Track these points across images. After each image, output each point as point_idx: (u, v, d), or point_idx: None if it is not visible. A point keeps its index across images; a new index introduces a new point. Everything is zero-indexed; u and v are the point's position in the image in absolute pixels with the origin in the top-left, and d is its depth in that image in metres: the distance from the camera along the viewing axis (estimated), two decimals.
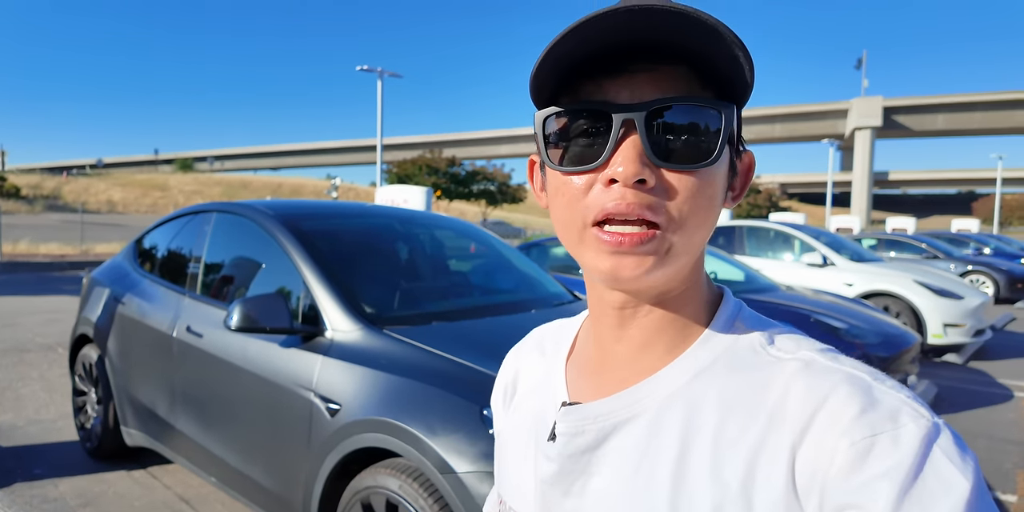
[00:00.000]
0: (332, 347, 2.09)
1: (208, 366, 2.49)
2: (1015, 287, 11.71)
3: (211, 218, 2.99)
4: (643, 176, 0.46)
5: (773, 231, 8.11)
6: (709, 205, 0.49)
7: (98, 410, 3.34)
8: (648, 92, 0.47)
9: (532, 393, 0.65)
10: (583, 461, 0.54)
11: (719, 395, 0.50)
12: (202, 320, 2.62)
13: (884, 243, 12.84)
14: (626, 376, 0.55)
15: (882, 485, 0.41)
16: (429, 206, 10.76)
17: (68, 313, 7.71)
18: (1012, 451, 3.91)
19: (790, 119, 75.56)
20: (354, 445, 1.85)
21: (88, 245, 17.78)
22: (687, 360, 0.53)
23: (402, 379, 1.86)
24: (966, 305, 6.45)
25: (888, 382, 0.47)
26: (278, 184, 61.34)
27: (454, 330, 2.17)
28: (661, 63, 0.47)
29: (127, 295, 3.21)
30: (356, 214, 3.00)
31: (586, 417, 0.54)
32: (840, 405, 0.45)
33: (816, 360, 0.49)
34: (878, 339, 4.24)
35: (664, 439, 0.50)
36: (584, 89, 0.49)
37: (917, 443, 0.42)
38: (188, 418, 2.63)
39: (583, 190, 0.48)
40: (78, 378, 3.59)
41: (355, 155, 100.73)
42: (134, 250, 3.60)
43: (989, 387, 5.49)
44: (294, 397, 2.08)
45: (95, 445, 3.35)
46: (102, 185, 49.31)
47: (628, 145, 0.46)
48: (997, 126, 68.88)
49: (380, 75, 21.65)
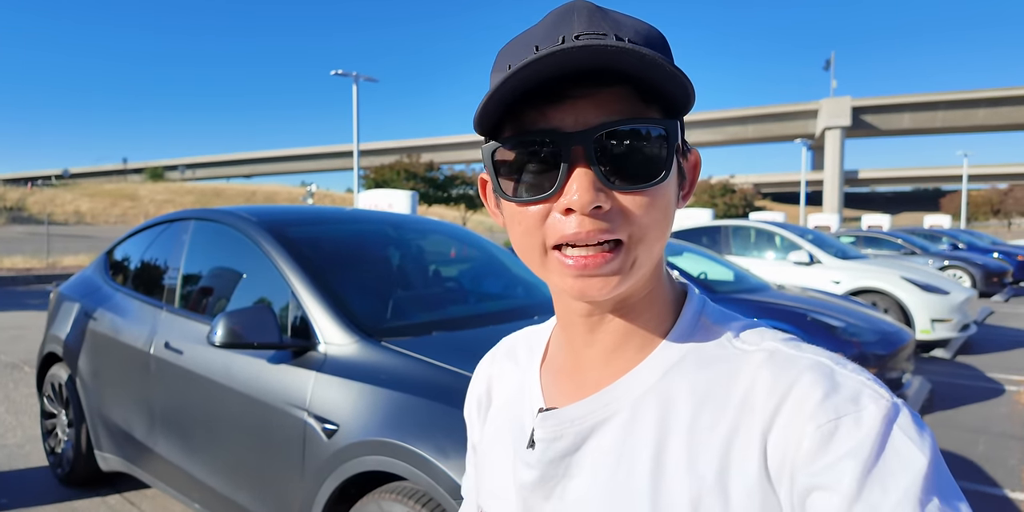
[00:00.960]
0: (326, 362, 1.93)
1: (189, 385, 2.32)
2: (991, 281, 11.92)
3: (189, 226, 2.81)
4: (599, 202, 0.47)
5: (758, 230, 8.10)
6: (664, 216, 0.50)
7: (69, 433, 3.13)
8: (592, 116, 0.47)
9: (508, 402, 0.65)
10: (563, 465, 0.55)
11: (690, 390, 0.51)
12: (182, 335, 2.45)
13: (862, 240, 12.99)
14: (599, 378, 0.56)
15: (847, 464, 0.42)
16: (414, 210, 10.59)
17: (34, 329, 7.37)
18: (1014, 447, 3.88)
19: (762, 120, 76.74)
20: (354, 469, 1.70)
21: (55, 258, 17.19)
22: (656, 358, 0.54)
23: (405, 395, 1.72)
24: (952, 300, 6.49)
25: (849, 366, 0.49)
26: (252, 192, 60.40)
27: (457, 340, 2.03)
28: (602, 86, 0.47)
29: (99, 310, 3.01)
30: (344, 219, 2.84)
31: (563, 421, 0.55)
32: (805, 391, 0.46)
33: (780, 350, 0.51)
34: (875, 337, 4.19)
35: (640, 437, 0.51)
36: (527, 116, 0.49)
37: (878, 423, 0.44)
38: (169, 441, 2.45)
39: (540, 218, 0.49)
40: (47, 399, 3.37)
41: (330, 161, 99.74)
42: (105, 262, 3.40)
43: (979, 381, 5.51)
44: (285, 417, 1.92)
45: (67, 471, 3.13)
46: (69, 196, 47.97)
47: (579, 173, 0.47)
48: (959, 124, 70.77)
49: (355, 79, 21.39)
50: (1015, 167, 76.11)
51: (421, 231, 2.94)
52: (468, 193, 39.13)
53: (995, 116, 68.66)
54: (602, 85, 0.47)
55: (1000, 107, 67.87)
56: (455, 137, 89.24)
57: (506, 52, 0.51)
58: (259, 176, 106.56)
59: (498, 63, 0.52)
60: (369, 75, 21.63)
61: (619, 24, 0.48)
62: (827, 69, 74.56)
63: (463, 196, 39.11)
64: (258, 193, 59.05)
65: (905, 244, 12.76)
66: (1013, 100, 67.06)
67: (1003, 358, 6.50)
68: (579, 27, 0.47)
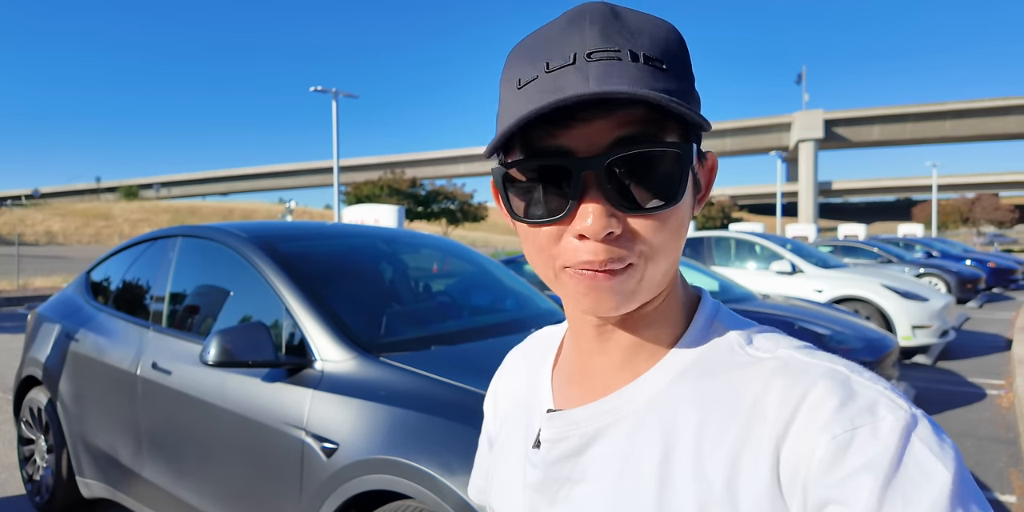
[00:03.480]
0: (323, 379, 1.90)
1: (179, 406, 2.26)
2: (965, 288, 12.18)
3: (176, 243, 2.76)
4: (611, 228, 0.46)
5: (739, 241, 8.20)
6: (678, 234, 0.49)
7: (49, 459, 3.02)
8: (605, 137, 0.46)
9: (520, 401, 0.66)
10: (567, 467, 0.54)
11: (699, 396, 0.50)
12: (170, 355, 2.39)
13: (840, 249, 13.21)
14: (609, 383, 0.55)
15: (864, 478, 0.41)
16: (401, 225, 10.56)
17: (6, 353, 7.16)
18: (1000, 450, 3.94)
19: (738, 133, 78.18)
20: (356, 489, 1.66)
21: (26, 279, 16.74)
22: (667, 364, 0.53)
23: (407, 412, 1.69)
24: (932, 306, 6.61)
25: (865, 374, 0.47)
26: (229, 209, 59.76)
27: (457, 354, 2.01)
28: (615, 109, 0.46)
29: (81, 331, 2.93)
30: (335, 234, 2.81)
31: (570, 423, 0.55)
32: (820, 400, 0.45)
33: (794, 357, 0.50)
34: (861, 344, 4.25)
35: (646, 442, 0.51)
36: (538, 136, 0.47)
37: (896, 434, 0.42)
38: (157, 465, 2.37)
39: (553, 240, 0.49)
40: (24, 425, 3.26)
41: (309, 177, 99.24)
42: (86, 281, 3.31)
43: (961, 386, 5.60)
44: (282, 437, 1.88)
45: (46, 499, 3.02)
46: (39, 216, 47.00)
47: (592, 198, 0.46)
48: (927, 136, 72.79)
49: (335, 96, 21.38)
50: (982, 177, 78.36)
51: (413, 245, 2.92)
52: (450, 208, 39.14)
53: (961, 127, 70.77)
54: (616, 109, 0.46)
55: (965, 119, 70.00)
56: (437, 152, 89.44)
57: (516, 60, 0.50)
58: (236, 193, 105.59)
59: (507, 72, 0.51)
60: (349, 91, 21.63)
61: (634, 35, 0.46)
62: (799, 83, 76.42)
63: (445, 211, 39.11)
64: (235, 211, 58.46)
65: (881, 253, 13.01)
66: (977, 112, 69.25)
67: (982, 363, 6.62)
68: (591, 42, 0.45)
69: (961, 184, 76.89)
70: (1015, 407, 4.72)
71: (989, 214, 60.81)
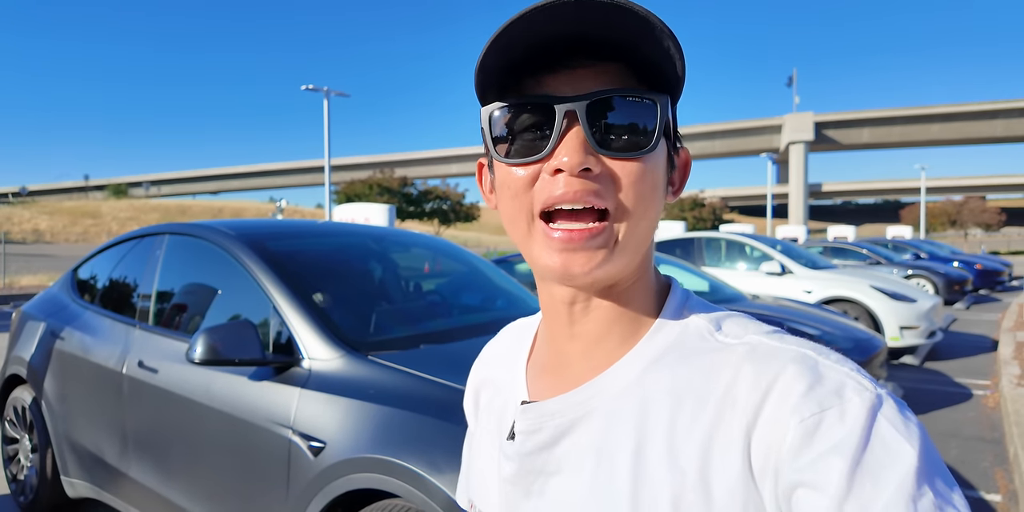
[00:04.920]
0: (311, 378, 1.89)
1: (166, 405, 2.24)
2: (952, 289, 12.30)
3: (163, 241, 2.73)
4: (588, 164, 0.47)
5: (730, 242, 8.24)
6: (652, 194, 0.50)
7: (33, 459, 2.99)
8: (588, 85, 0.49)
9: (496, 393, 0.66)
10: (541, 459, 0.54)
11: (671, 384, 0.51)
12: (156, 354, 2.37)
13: (829, 251, 13.30)
14: (582, 372, 0.55)
15: (833, 460, 0.41)
16: (392, 224, 10.55)
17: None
18: (985, 450, 3.98)
19: (729, 135, 78.58)
20: (343, 487, 1.65)
21: (12, 278, 16.57)
22: (638, 352, 0.53)
23: (395, 410, 1.68)
24: (919, 308, 6.66)
25: (832, 356, 0.48)
26: (219, 208, 59.39)
27: (445, 353, 2.00)
28: (599, 60, 0.49)
29: (66, 329, 2.90)
30: (324, 233, 2.80)
31: (543, 414, 0.55)
32: (789, 384, 0.45)
33: (763, 342, 0.50)
34: (850, 344, 4.28)
35: (620, 433, 0.51)
36: (527, 85, 0.50)
37: (863, 415, 0.43)
38: (143, 464, 2.35)
39: (529, 181, 0.50)
40: (8, 424, 3.22)
41: (300, 177, 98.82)
42: (72, 279, 3.28)
43: (948, 387, 5.65)
44: (269, 436, 1.86)
45: (30, 499, 2.98)
46: (26, 214, 46.47)
47: (572, 136, 0.48)
48: (915, 139, 73.50)
49: (326, 94, 21.30)
50: (969, 180, 79.20)
51: (403, 244, 2.91)
52: (442, 208, 39.12)
53: (948, 131, 71.50)
54: (599, 60, 0.49)
55: (952, 122, 70.74)
56: (428, 152, 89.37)
57: None
58: (226, 192, 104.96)
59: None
60: (340, 90, 21.56)
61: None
62: (790, 85, 76.96)
63: (436, 210, 39.08)
64: (225, 209, 58.10)
65: (870, 254, 13.11)
66: (964, 115, 69.98)
67: (968, 363, 6.69)
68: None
69: (949, 187, 77.72)
70: (1000, 407, 4.77)
71: (976, 216, 61.47)
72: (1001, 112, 68.44)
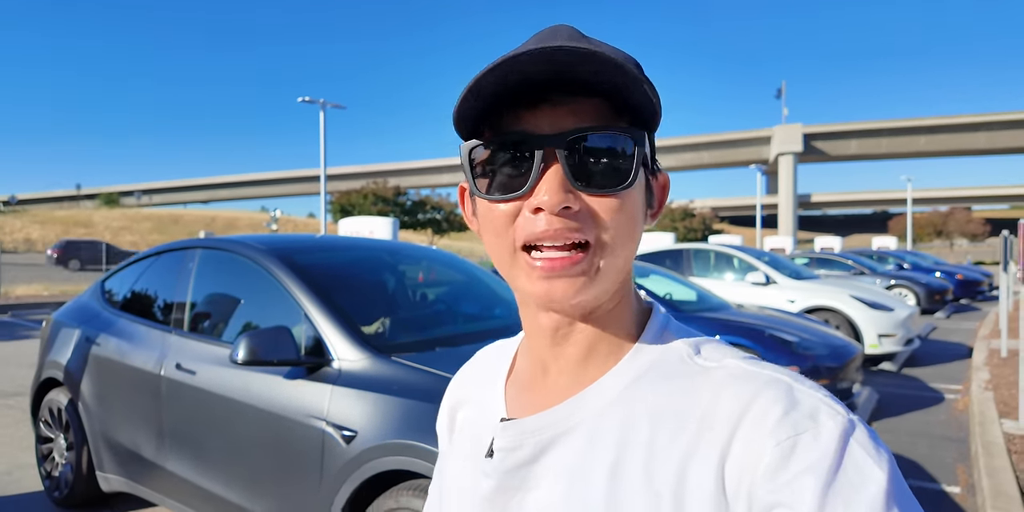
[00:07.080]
0: (341, 376, 2.15)
1: (204, 403, 2.49)
2: (933, 299, 12.67)
3: (195, 255, 3.00)
4: (567, 203, 0.49)
5: (718, 253, 8.55)
6: (631, 224, 0.52)
7: (68, 456, 3.22)
8: (567, 122, 0.50)
9: (473, 414, 0.66)
10: (519, 476, 0.55)
11: (650, 405, 0.52)
12: (194, 357, 2.62)
13: (815, 261, 13.67)
14: (562, 391, 0.56)
15: (806, 480, 0.43)
16: (395, 236, 10.82)
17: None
18: (950, 447, 4.27)
19: (718, 146, 79.51)
20: (373, 469, 1.91)
21: (7, 287, 16.63)
22: (619, 372, 0.55)
23: (418, 403, 1.95)
24: (897, 316, 6.99)
25: (806, 383, 0.50)
26: (211, 218, 59.35)
27: (459, 354, 2.26)
28: (577, 96, 0.50)
29: (101, 335, 3.15)
30: (343, 247, 3.07)
31: (523, 431, 0.55)
32: (765, 408, 0.47)
33: (740, 367, 0.52)
34: (827, 351, 4.57)
35: (598, 452, 0.52)
36: (506, 121, 0.51)
37: (836, 439, 0.44)
38: (181, 457, 2.60)
39: (510, 217, 0.51)
40: (43, 424, 3.45)
41: (293, 186, 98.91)
42: (101, 290, 3.53)
43: (922, 391, 5.96)
44: (305, 428, 2.12)
45: (65, 493, 3.21)
46: (18, 223, 46.33)
47: (551, 174, 0.49)
48: (902, 150, 74.63)
49: (323, 106, 21.59)
50: (955, 191, 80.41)
51: (414, 257, 3.19)
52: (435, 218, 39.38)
53: (934, 143, 72.71)
54: (577, 95, 0.50)
55: (938, 134, 71.96)
56: (423, 162, 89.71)
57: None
58: (219, 201, 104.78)
59: None
60: (336, 102, 21.85)
61: (599, 45, 0.52)
62: (779, 97, 78.06)
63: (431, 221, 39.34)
64: (218, 219, 58.06)
65: (855, 265, 13.48)
66: (949, 128, 71.23)
67: (944, 369, 7.01)
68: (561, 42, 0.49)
69: (935, 198, 78.89)
70: (969, 409, 5.07)
71: (962, 227, 62.40)
72: (983, 125, 69.76)
